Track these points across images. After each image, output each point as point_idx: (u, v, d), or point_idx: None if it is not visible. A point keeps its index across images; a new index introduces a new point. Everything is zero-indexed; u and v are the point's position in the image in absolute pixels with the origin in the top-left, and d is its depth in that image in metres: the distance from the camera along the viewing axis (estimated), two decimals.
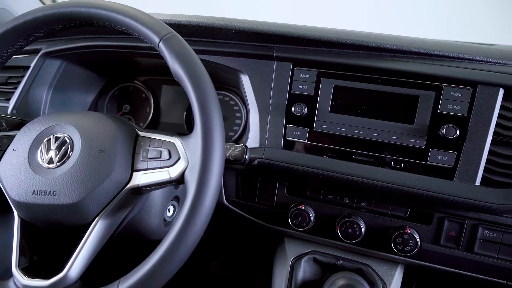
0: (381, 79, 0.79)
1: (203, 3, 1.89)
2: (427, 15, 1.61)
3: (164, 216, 0.86)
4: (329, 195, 0.85)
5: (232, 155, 0.76)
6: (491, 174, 0.74)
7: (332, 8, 1.72)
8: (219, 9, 1.86)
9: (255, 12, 1.79)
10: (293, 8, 1.78)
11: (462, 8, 1.56)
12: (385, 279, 0.83)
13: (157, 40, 0.61)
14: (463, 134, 0.74)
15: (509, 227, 0.74)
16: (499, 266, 0.75)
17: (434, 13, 1.60)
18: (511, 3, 1.51)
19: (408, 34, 0.88)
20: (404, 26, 1.62)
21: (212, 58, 0.91)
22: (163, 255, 0.54)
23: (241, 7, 1.82)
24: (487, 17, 1.51)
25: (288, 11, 1.79)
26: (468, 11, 1.54)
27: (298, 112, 0.82)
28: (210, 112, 0.57)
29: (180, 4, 1.90)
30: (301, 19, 1.62)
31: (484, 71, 0.75)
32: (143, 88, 1.14)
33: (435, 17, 1.60)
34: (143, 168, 0.62)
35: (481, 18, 1.52)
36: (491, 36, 1.46)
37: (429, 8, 1.61)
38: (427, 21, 1.60)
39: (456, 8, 1.57)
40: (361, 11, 1.69)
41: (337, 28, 0.88)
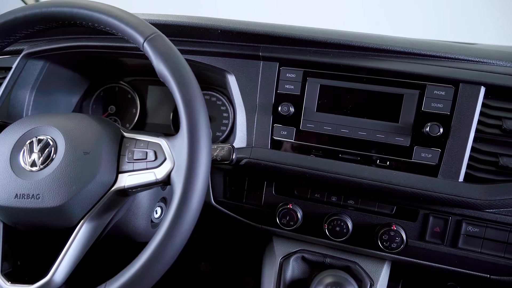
0: (366, 78, 0.80)
1: (196, 4, 1.88)
2: (425, 15, 1.63)
3: (151, 218, 0.85)
4: (317, 194, 0.86)
5: (219, 155, 0.76)
6: (474, 171, 0.75)
7: (333, 9, 1.72)
8: (213, 9, 1.86)
9: (250, 14, 1.79)
10: (290, 9, 1.79)
11: (462, 9, 1.58)
12: (372, 276, 0.84)
13: (142, 40, 0.61)
14: (446, 132, 0.75)
15: (491, 222, 0.76)
16: (482, 261, 0.77)
17: (433, 13, 1.62)
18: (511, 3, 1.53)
19: (408, 35, 0.89)
20: (404, 26, 1.64)
21: (198, 58, 0.91)
22: (150, 257, 0.53)
23: (235, 8, 1.82)
24: (488, 17, 1.53)
25: (284, 11, 1.79)
26: (469, 12, 1.57)
27: (284, 111, 0.82)
28: (195, 112, 0.56)
29: (173, 4, 1.89)
30: (298, 20, 1.62)
31: (466, 69, 0.77)
32: (129, 88, 1.12)
33: (434, 17, 1.62)
34: (128, 169, 0.62)
35: (482, 18, 1.54)
36: (492, 36, 1.49)
37: (428, 9, 1.63)
38: (426, 22, 1.62)
39: (456, 9, 1.59)
40: (362, 12, 1.70)
41: (324, 27, 0.89)
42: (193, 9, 1.88)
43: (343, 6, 1.72)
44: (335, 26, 0.89)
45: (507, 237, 0.75)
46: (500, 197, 0.72)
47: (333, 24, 1.63)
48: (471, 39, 1.16)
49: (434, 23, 1.61)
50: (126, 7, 0.67)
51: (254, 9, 1.80)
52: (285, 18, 1.74)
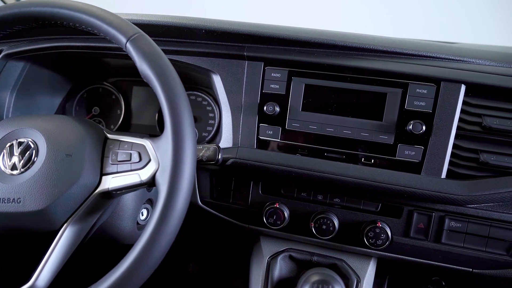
0: (350, 77, 0.81)
1: (184, 3, 1.87)
2: (423, 15, 1.65)
3: (137, 220, 0.84)
4: (303, 193, 0.86)
5: (205, 155, 0.75)
6: (456, 167, 0.77)
7: (332, 9, 1.73)
8: (201, 9, 1.85)
9: (245, 15, 1.79)
10: (283, 9, 1.79)
11: (463, 9, 1.60)
12: (358, 272, 0.85)
13: (124, 40, 0.60)
14: (429, 129, 0.77)
15: (473, 217, 0.77)
16: (465, 255, 0.79)
17: (432, 14, 1.64)
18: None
19: (409, 35, 0.90)
20: (403, 27, 1.66)
21: (183, 59, 0.90)
22: (135, 259, 0.53)
23: (234, 9, 1.81)
24: (489, 18, 1.56)
25: (277, 12, 1.79)
26: (470, 12, 1.59)
27: (270, 111, 0.82)
28: (180, 113, 0.56)
29: (160, 5, 1.88)
30: (295, 20, 1.63)
31: (447, 68, 0.78)
32: (113, 89, 1.11)
33: (433, 18, 1.64)
34: (112, 171, 0.61)
35: (483, 19, 1.57)
36: (493, 37, 1.52)
37: (427, 9, 1.65)
38: (424, 22, 1.64)
39: (457, 10, 1.61)
40: (366, 13, 1.71)
41: (308, 27, 0.89)
42: (182, 9, 1.86)
43: (343, 6, 1.73)
44: (334, 27, 0.90)
45: (488, 231, 0.77)
46: (481, 192, 0.73)
47: (332, 24, 1.65)
48: (472, 40, 1.17)
49: (433, 23, 1.63)
50: (112, 8, 0.66)
51: (250, 11, 1.80)
52: (281, 18, 1.74)
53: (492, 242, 0.77)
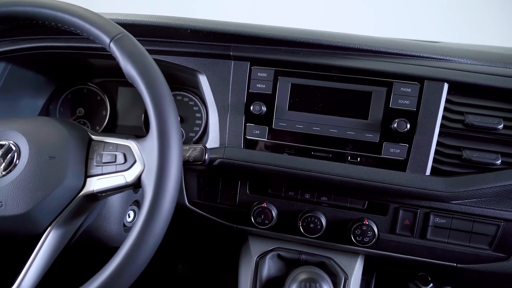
0: (336, 76, 0.82)
1: (175, 4, 1.85)
2: (422, 16, 1.67)
3: (124, 222, 0.83)
4: (290, 192, 0.87)
5: (192, 156, 0.75)
6: (439, 164, 0.78)
7: (338, 11, 1.73)
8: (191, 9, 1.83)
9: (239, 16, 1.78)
10: (282, 10, 1.78)
11: (464, 10, 1.62)
12: (346, 270, 0.85)
13: (108, 40, 0.59)
14: (413, 127, 0.78)
15: (457, 213, 0.79)
16: (449, 250, 0.80)
17: (428, 14, 1.66)
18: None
19: (406, 36, 0.91)
20: (403, 28, 1.67)
21: (169, 59, 0.90)
22: (121, 262, 0.52)
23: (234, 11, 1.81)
24: (490, 19, 1.58)
25: (270, 12, 1.78)
26: (471, 13, 1.61)
27: (257, 110, 0.83)
28: (165, 113, 0.56)
29: (151, 5, 1.86)
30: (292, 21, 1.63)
31: (430, 67, 0.80)
32: (98, 90, 1.10)
33: (423, 18, 1.66)
34: (97, 173, 0.60)
35: (485, 20, 1.59)
36: (493, 38, 1.54)
37: (426, 10, 1.67)
38: (419, 22, 1.65)
39: (458, 10, 1.63)
40: (363, 15, 1.72)
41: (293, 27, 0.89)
42: (172, 9, 1.85)
43: (340, 7, 1.73)
44: (331, 27, 0.90)
45: (471, 227, 0.78)
46: (464, 188, 0.75)
47: (330, 25, 1.65)
48: (473, 40, 1.18)
49: (427, 23, 1.65)
50: (101, 9, 0.65)
51: (248, 12, 1.79)
52: (278, 19, 1.74)
53: (475, 237, 0.79)
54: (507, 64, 0.80)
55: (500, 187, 0.74)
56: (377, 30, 1.68)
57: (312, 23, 1.70)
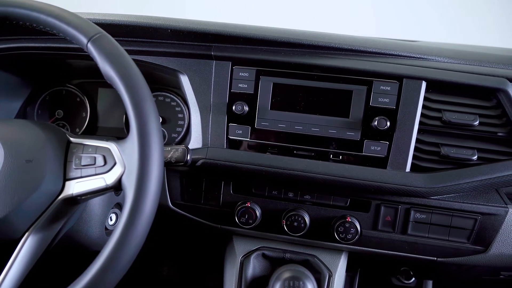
0: (317, 75, 0.82)
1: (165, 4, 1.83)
2: (421, 17, 1.68)
3: (105, 225, 0.82)
4: (274, 191, 0.87)
5: (174, 157, 0.74)
6: (419, 161, 0.80)
7: (340, 12, 1.74)
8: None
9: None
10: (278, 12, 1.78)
11: (465, 11, 1.64)
12: (330, 267, 0.86)
13: (85, 40, 0.58)
14: (393, 125, 0.79)
15: (436, 208, 0.81)
16: (429, 245, 0.82)
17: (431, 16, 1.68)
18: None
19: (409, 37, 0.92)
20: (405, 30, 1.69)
21: (149, 59, 0.89)
22: (102, 266, 0.51)
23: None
24: (491, 20, 1.61)
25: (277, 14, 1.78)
26: (472, 14, 1.63)
27: (239, 110, 0.82)
28: (145, 114, 0.55)
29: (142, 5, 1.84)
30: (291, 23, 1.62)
31: (408, 65, 0.81)
32: (77, 91, 1.07)
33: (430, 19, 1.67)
34: (76, 176, 0.59)
35: (486, 21, 1.61)
36: (494, 39, 1.57)
37: (427, 11, 1.68)
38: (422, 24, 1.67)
39: (459, 11, 1.65)
40: (365, 15, 1.73)
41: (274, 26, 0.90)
42: (163, 9, 1.83)
43: (349, 10, 1.74)
44: (328, 28, 0.91)
45: (450, 221, 0.80)
46: (443, 184, 0.77)
47: (328, 26, 1.66)
48: (474, 42, 1.20)
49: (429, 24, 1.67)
50: (87, 10, 0.64)
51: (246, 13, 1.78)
52: (274, 20, 1.74)
53: (454, 231, 0.81)
54: (481, 63, 0.83)
55: (476, 182, 0.76)
56: (377, 31, 1.69)
57: (309, 24, 1.71)
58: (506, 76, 0.79)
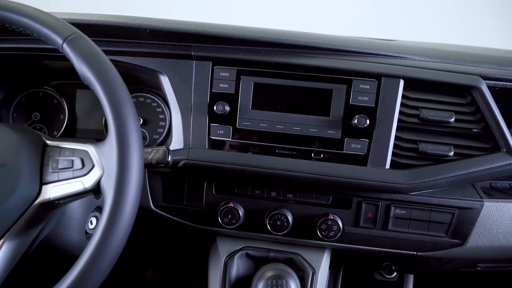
0: (297, 75, 0.83)
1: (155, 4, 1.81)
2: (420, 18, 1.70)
3: (86, 229, 0.81)
4: (257, 191, 0.87)
5: (154, 158, 0.74)
6: (398, 158, 0.82)
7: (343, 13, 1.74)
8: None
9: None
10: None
11: (466, 12, 1.66)
12: (314, 265, 0.87)
13: (60, 41, 0.57)
14: (372, 123, 0.81)
15: (415, 204, 0.82)
16: (409, 240, 0.84)
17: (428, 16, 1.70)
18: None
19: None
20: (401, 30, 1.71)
21: (128, 59, 0.87)
22: (82, 271, 0.50)
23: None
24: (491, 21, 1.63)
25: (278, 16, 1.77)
26: (472, 15, 1.65)
27: (220, 110, 0.82)
28: (123, 115, 0.54)
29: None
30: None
31: (387, 64, 0.83)
32: (54, 93, 1.05)
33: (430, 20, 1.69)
34: (53, 180, 0.58)
35: (485, 22, 1.63)
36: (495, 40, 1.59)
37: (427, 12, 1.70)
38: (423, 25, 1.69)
39: (459, 12, 1.67)
40: (366, 17, 1.74)
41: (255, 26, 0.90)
42: (152, 10, 1.81)
43: (352, 11, 1.74)
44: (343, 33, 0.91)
45: (429, 216, 0.82)
46: (421, 180, 0.78)
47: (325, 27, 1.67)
48: (474, 43, 1.21)
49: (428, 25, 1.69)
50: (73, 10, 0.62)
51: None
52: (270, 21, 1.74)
53: (433, 226, 0.83)
54: (457, 61, 0.85)
55: (453, 177, 0.78)
56: (377, 32, 1.72)
57: (300, 24, 1.72)
58: (480, 74, 0.81)
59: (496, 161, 0.79)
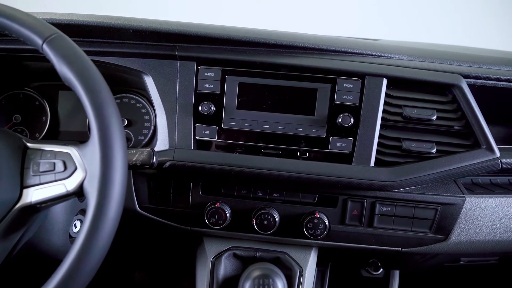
0: (282, 74, 0.83)
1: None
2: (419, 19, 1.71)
3: (70, 233, 0.79)
4: (243, 190, 0.87)
5: (139, 160, 0.73)
6: (382, 155, 0.83)
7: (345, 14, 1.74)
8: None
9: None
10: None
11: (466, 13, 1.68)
12: (301, 263, 0.88)
13: (40, 42, 0.56)
14: (357, 122, 0.81)
15: (399, 201, 0.84)
16: (394, 236, 0.85)
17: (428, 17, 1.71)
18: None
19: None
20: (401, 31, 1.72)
21: (111, 60, 0.86)
22: (65, 275, 0.50)
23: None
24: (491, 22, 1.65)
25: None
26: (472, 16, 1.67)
27: (205, 111, 0.82)
28: (106, 116, 0.53)
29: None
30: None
31: (370, 63, 0.84)
32: (36, 95, 1.03)
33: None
34: (34, 183, 0.57)
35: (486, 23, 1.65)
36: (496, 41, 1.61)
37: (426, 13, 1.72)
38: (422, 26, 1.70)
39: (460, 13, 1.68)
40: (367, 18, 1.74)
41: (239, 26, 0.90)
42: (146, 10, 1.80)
43: (354, 12, 1.75)
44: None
45: (413, 212, 0.84)
46: (405, 177, 0.80)
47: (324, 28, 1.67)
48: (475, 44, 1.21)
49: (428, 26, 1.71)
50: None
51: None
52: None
53: (417, 222, 0.84)
54: (438, 60, 0.86)
55: (436, 174, 0.80)
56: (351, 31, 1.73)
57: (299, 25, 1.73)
58: (460, 72, 0.83)
59: (477, 157, 0.80)
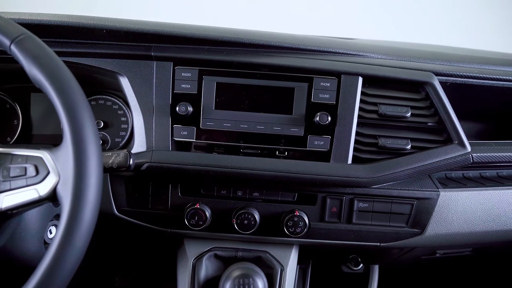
0: (259, 74, 0.83)
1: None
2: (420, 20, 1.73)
3: (44, 239, 0.77)
4: (223, 191, 0.87)
5: (115, 162, 0.72)
6: (359, 153, 0.84)
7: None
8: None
9: None
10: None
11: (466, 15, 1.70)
12: (282, 261, 0.88)
13: (8, 42, 0.54)
14: (334, 120, 0.82)
15: (377, 197, 0.85)
16: (373, 232, 0.87)
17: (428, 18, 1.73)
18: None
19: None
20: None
21: (85, 61, 0.84)
22: (38, 283, 0.48)
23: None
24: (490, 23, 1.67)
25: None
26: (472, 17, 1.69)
27: (183, 111, 0.81)
28: (79, 118, 0.52)
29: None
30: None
31: (346, 62, 0.85)
32: (6, 97, 0.99)
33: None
34: (5, 189, 0.55)
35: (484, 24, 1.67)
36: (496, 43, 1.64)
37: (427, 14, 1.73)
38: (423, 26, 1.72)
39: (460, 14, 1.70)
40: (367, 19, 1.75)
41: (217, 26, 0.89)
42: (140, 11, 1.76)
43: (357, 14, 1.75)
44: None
45: (390, 208, 0.85)
46: (381, 173, 0.81)
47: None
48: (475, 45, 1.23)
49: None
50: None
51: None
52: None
53: (394, 217, 0.86)
54: (411, 58, 0.89)
55: (411, 169, 0.82)
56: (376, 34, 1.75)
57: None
58: (433, 70, 0.85)
59: (450, 152, 0.83)
